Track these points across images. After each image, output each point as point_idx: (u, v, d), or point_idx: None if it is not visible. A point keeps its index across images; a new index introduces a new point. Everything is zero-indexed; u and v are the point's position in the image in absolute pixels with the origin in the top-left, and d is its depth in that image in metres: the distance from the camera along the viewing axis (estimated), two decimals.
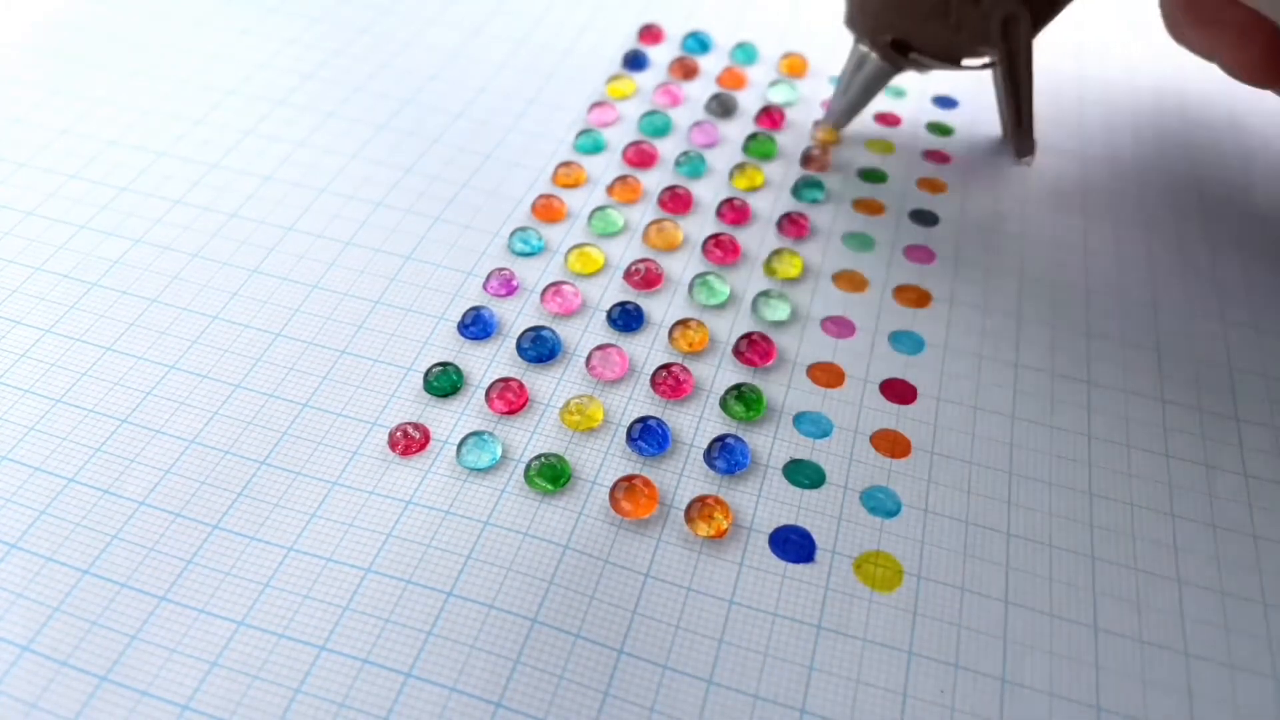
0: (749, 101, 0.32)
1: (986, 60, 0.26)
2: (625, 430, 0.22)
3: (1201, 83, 0.34)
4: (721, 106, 0.32)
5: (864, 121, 0.32)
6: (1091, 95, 0.34)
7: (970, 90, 0.33)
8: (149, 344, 0.23)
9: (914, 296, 0.26)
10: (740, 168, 0.29)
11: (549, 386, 0.23)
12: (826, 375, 0.24)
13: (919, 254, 0.27)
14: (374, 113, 0.31)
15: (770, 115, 0.32)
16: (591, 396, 0.23)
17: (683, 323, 0.25)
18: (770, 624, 0.19)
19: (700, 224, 0.28)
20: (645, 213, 0.28)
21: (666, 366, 0.23)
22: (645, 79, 0.33)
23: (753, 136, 0.31)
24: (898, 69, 0.27)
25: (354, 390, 0.23)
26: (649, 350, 0.24)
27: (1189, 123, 0.33)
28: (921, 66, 0.26)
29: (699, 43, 0.35)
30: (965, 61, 0.26)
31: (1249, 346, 0.25)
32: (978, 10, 0.24)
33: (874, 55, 0.27)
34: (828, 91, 0.33)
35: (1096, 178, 0.30)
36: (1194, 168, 0.31)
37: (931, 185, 0.30)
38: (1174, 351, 0.25)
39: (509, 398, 0.23)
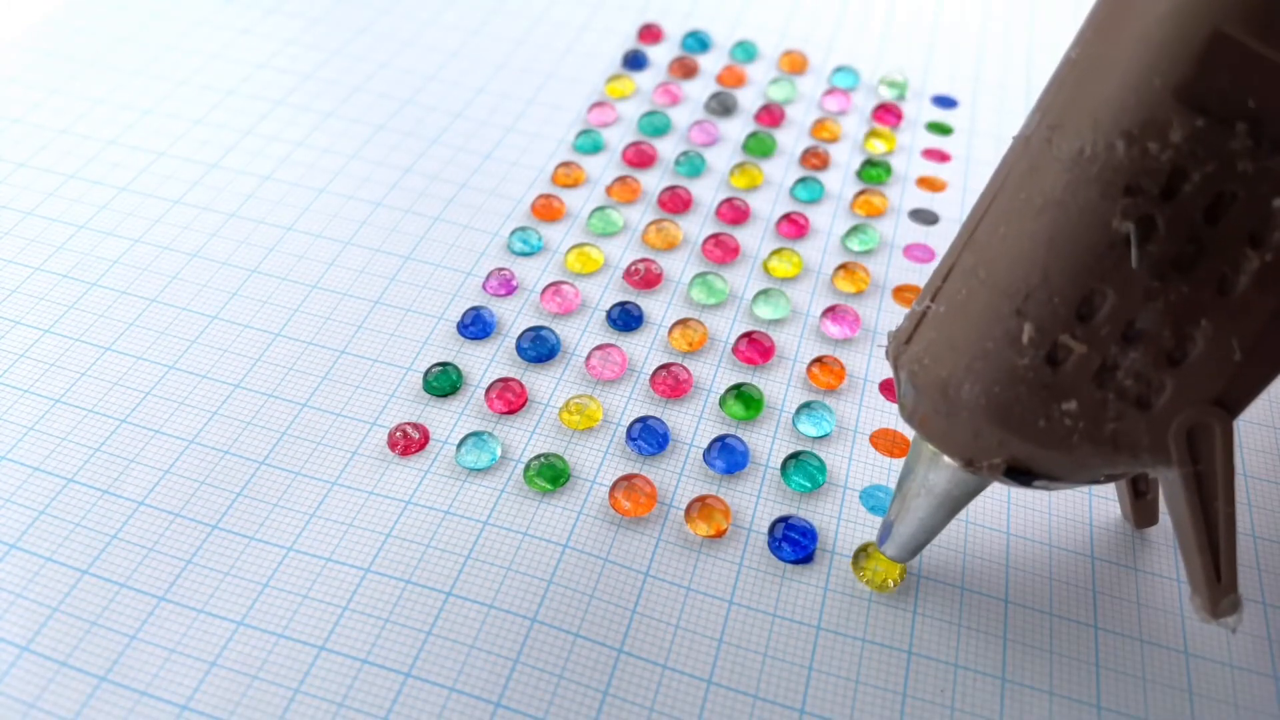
0: (749, 99, 0.32)
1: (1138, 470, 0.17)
2: (624, 429, 0.22)
3: None
4: (721, 105, 0.32)
5: (863, 118, 0.32)
6: None
7: (970, 90, 0.33)
8: (148, 344, 0.23)
9: (914, 297, 0.26)
10: (739, 166, 0.29)
11: (548, 386, 0.23)
12: (826, 374, 0.24)
13: (919, 253, 0.27)
14: (374, 113, 0.31)
15: (770, 112, 0.32)
16: (591, 396, 0.23)
17: (682, 322, 0.25)
18: (770, 624, 0.19)
19: (699, 223, 0.28)
20: (644, 212, 0.28)
21: (666, 365, 0.23)
22: (645, 78, 0.33)
23: (752, 135, 0.31)
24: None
25: (353, 390, 0.23)
26: (648, 349, 0.24)
27: None
28: (1047, 490, 0.17)
29: (698, 41, 0.35)
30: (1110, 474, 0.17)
31: None
32: (1145, 418, 0.16)
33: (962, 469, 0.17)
34: (827, 89, 0.33)
35: None
36: None
37: (931, 184, 0.30)
38: None
39: (508, 397, 0.23)
